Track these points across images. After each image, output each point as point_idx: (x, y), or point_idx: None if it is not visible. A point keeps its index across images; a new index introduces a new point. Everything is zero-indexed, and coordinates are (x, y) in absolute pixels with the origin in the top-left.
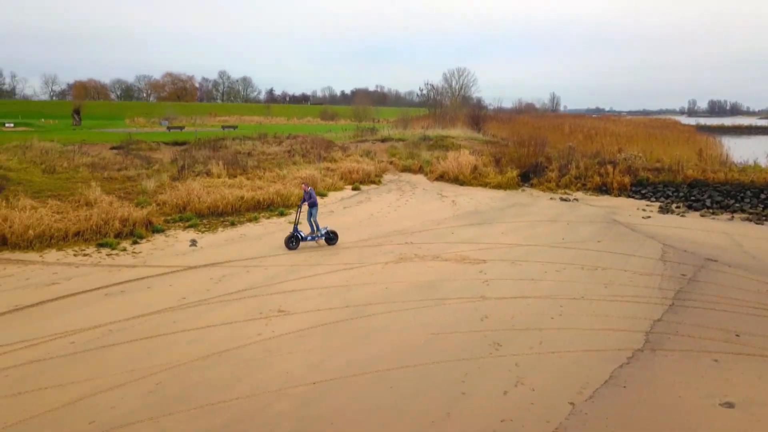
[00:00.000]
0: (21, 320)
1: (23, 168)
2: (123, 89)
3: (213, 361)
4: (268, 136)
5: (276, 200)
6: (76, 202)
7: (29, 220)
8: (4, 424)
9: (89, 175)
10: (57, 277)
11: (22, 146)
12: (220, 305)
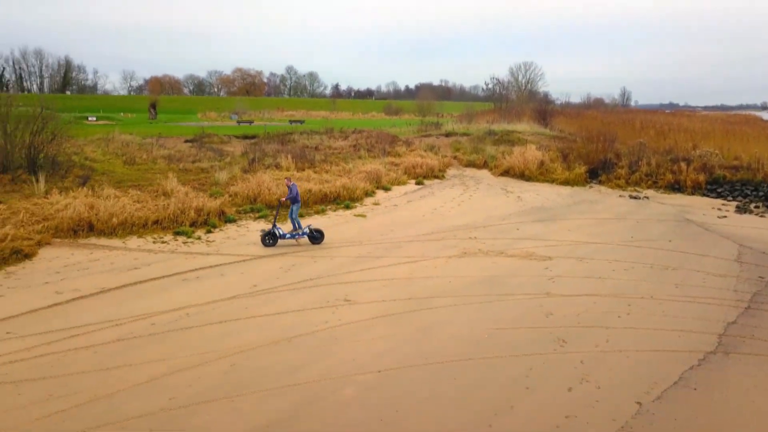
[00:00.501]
0: (107, 301)
1: (106, 159)
2: (195, 84)
3: (283, 346)
4: (335, 131)
5: (342, 193)
6: (155, 192)
7: (113, 208)
8: (95, 396)
9: (166, 167)
10: (138, 263)
11: (105, 139)
12: (289, 293)
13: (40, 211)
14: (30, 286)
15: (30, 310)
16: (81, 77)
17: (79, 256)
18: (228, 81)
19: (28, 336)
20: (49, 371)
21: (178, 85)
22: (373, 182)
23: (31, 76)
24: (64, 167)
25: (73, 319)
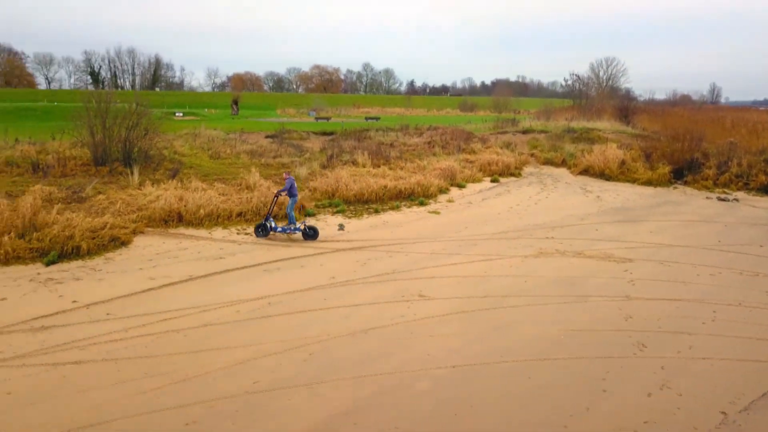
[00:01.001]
0: (195, 288)
1: (194, 154)
2: (275, 81)
3: (359, 337)
4: (410, 128)
5: (417, 190)
6: (238, 185)
7: (200, 200)
8: (186, 376)
9: (249, 162)
10: (223, 252)
11: (192, 134)
12: (366, 286)
13: (134, 202)
14: (126, 271)
15: (127, 293)
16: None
17: (170, 244)
18: (306, 78)
19: (126, 318)
20: (144, 351)
21: (258, 82)
22: (448, 179)
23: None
24: (155, 161)
25: (165, 304)
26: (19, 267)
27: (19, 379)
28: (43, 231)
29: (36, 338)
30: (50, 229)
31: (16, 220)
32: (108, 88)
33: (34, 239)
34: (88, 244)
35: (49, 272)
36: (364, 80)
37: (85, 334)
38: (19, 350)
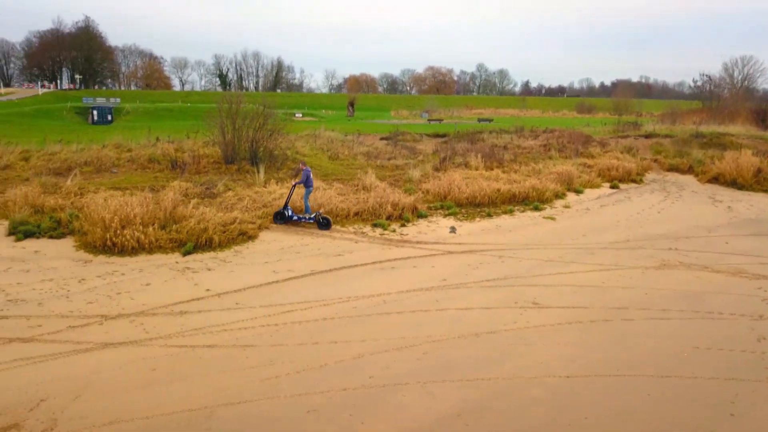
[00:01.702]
0: (316, 283)
1: (314, 154)
2: (389, 82)
3: (471, 340)
4: (525, 130)
5: (531, 194)
6: (355, 186)
7: (320, 199)
8: (307, 366)
9: (365, 163)
10: (341, 249)
11: (313, 135)
12: (478, 290)
13: (260, 199)
14: (253, 264)
15: (254, 285)
16: (289, 76)
17: (292, 240)
18: (420, 79)
19: (253, 308)
20: (269, 340)
21: (373, 84)
22: (564, 184)
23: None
24: (279, 160)
25: (288, 296)
26: (161, 255)
27: (162, 358)
28: (181, 224)
29: (176, 321)
30: (187, 222)
31: (159, 212)
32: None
33: (173, 231)
34: (219, 237)
35: (186, 262)
36: (477, 81)
37: (217, 321)
38: (162, 331)
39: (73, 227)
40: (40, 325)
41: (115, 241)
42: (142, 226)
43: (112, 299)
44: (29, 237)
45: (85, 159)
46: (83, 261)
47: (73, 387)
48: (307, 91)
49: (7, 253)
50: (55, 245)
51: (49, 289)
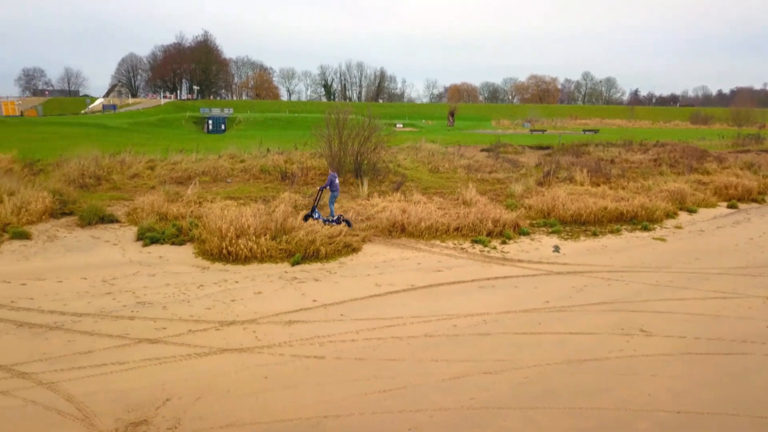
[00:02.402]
0: (415, 298)
1: (415, 167)
2: (490, 91)
3: (575, 366)
4: (633, 144)
5: (640, 213)
6: (456, 200)
7: (421, 213)
8: (408, 383)
9: (466, 176)
10: (441, 265)
11: (414, 147)
12: (582, 314)
13: (363, 212)
14: (356, 276)
15: (357, 297)
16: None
17: (393, 254)
18: (522, 88)
19: (356, 320)
20: (372, 354)
21: (474, 93)
22: (676, 202)
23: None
24: (382, 173)
25: (389, 311)
26: (271, 265)
27: (272, 366)
28: (290, 234)
29: (285, 330)
30: (296, 233)
31: (271, 223)
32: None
33: (283, 241)
34: (326, 248)
35: (294, 272)
36: (582, 90)
37: (323, 332)
38: (272, 340)
39: (193, 235)
40: (165, 327)
41: (230, 249)
42: (255, 236)
43: (228, 306)
44: (154, 243)
45: (203, 169)
46: (201, 267)
47: (195, 389)
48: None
49: (136, 257)
50: (177, 251)
51: (172, 294)
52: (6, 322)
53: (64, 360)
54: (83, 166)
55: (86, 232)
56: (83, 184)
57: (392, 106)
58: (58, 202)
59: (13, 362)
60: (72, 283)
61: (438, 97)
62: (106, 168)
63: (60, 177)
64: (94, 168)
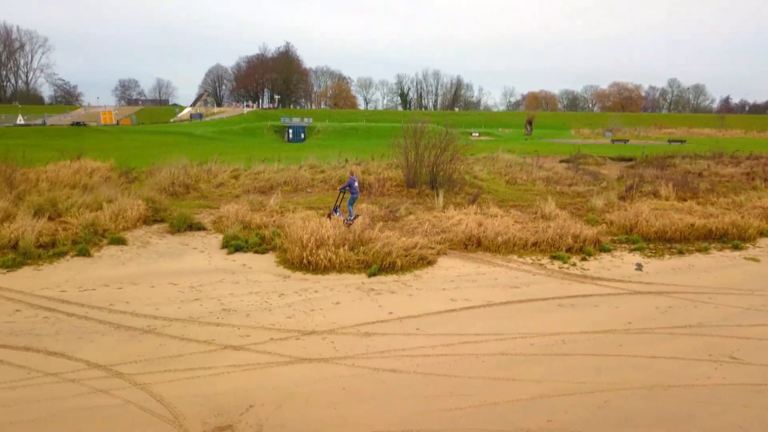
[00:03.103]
0: (491, 315)
1: (491, 179)
2: (569, 99)
3: (658, 392)
4: (724, 156)
5: (730, 231)
6: (534, 213)
7: (498, 227)
8: (484, 401)
9: (544, 189)
10: (518, 282)
11: (490, 158)
12: (666, 337)
13: (439, 224)
14: (432, 290)
15: (432, 311)
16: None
17: (469, 268)
18: (603, 95)
19: (432, 335)
20: (447, 370)
21: (553, 101)
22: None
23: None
24: (457, 184)
25: (465, 327)
26: (349, 275)
27: (349, 377)
28: (367, 246)
29: (362, 342)
30: (373, 245)
31: (349, 234)
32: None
33: (360, 253)
34: (401, 261)
35: (371, 283)
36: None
37: (399, 345)
38: (350, 351)
39: (275, 244)
40: (248, 335)
41: (310, 259)
42: (334, 247)
43: (307, 315)
44: (239, 251)
45: (285, 179)
46: (282, 276)
47: (277, 396)
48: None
49: (221, 264)
50: (260, 260)
51: (255, 302)
52: (105, 324)
53: (156, 363)
54: (173, 175)
55: (176, 238)
56: (173, 192)
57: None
58: (151, 209)
59: (112, 362)
60: (163, 289)
61: (515, 105)
62: (194, 177)
63: (152, 185)
64: (183, 177)
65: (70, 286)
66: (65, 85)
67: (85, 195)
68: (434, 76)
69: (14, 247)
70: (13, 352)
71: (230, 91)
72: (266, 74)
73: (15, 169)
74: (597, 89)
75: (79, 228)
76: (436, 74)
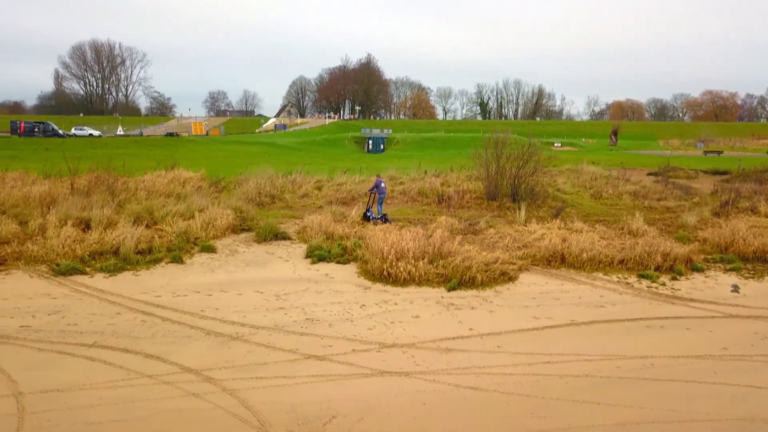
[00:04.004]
0: (576, 334)
1: (575, 192)
2: (657, 108)
3: (759, 426)
4: None
5: None
6: (620, 229)
7: (583, 243)
8: (568, 425)
9: (631, 203)
10: (603, 300)
11: (574, 170)
12: (767, 365)
13: (520, 238)
14: (513, 306)
15: (513, 329)
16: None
17: (552, 285)
18: (694, 104)
19: (514, 353)
20: (530, 390)
21: (639, 110)
22: None
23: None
24: (540, 198)
25: (548, 346)
26: (428, 288)
27: (430, 393)
28: (447, 259)
29: (442, 358)
30: (453, 259)
31: (429, 248)
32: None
33: (440, 266)
34: (482, 276)
35: (450, 297)
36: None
37: (480, 362)
38: (430, 366)
39: (356, 255)
40: (330, 345)
41: (390, 271)
42: (413, 260)
43: (387, 327)
44: (321, 260)
45: (365, 190)
46: (363, 287)
47: (358, 408)
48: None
49: (305, 274)
50: (342, 270)
51: (337, 312)
52: (197, 329)
53: (244, 369)
54: (260, 185)
55: (262, 247)
56: (260, 202)
57: (549, 123)
58: (239, 218)
59: (203, 367)
60: (250, 297)
61: (599, 115)
62: (279, 187)
63: (240, 195)
64: (269, 187)
65: (164, 291)
66: (160, 97)
67: (179, 204)
68: (515, 85)
69: (115, 253)
70: (115, 353)
71: (313, 102)
72: (348, 85)
73: (117, 179)
74: (688, 98)
75: (173, 236)
76: (517, 83)
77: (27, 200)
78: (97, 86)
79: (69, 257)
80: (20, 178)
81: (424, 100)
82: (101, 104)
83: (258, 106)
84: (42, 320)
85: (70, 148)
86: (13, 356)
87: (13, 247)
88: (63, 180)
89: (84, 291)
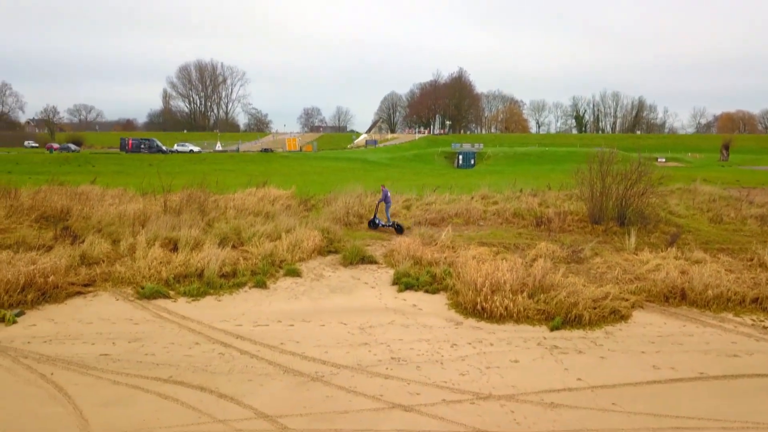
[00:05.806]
0: (708, 392)
1: (690, 215)
2: None
3: None
4: None
5: None
6: (749, 260)
7: (707, 277)
8: None
9: (758, 230)
10: (737, 348)
11: (688, 190)
12: None
13: (631, 269)
14: (627, 351)
15: (630, 381)
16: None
17: (672, 327)
18: None
19: (633, 414)
20: None
21: (752, 122)
22: None
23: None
24: (651, 221)
25: (673, 405)
26: (527, 327)
27: None
28: (549, 293)
29: (547, 415)
30: (556, 293)
31: (528, 279)
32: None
33: (541, 301)
34: (589, 313)
35: (554, 338)
36: None
37: (593, 423)
38: (533, 425)
39: (446, 284)
40: (418, 393)
41: (484, 305)
42: (511, 293)
43: (483, 374)
44: (409, 288)
45: (456, 210)
46: (455, 322)
47: None
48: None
49: (392, 303)
50: (431, 300)
51: (425, 351)
52: (275, 365)
53: (322, 418)
54: (348, 204)
55: (348, 271)
56: (347, 222)
57: (650, 137)
58: (326, 240)
59: (278, 413)
60: (333, 328)
61: (706, 127)
62: (368, 207)
63: (328, 215)
64: (357, 207)
65: (245, 319)
66: (258, 113)
67: (267, 223)
68: (613, 97)
69: (200, 276)
70: (188, 391)
71: (403, 118)
72: (438, 100)
73: (208, 196)
74: None
75: (258, 258)
76: (615, 95)
77: (122, 218)
78: (200, 104)
79: (154, 279)
80: (119, 195)
81: (517, 113)
82: (204, 121)
83: (350, 121)
84: (121, 348)
85: (171, 164)
86: (88, 389)
87: (102, 267)
88: (158, 197)
89: (165, 317)
